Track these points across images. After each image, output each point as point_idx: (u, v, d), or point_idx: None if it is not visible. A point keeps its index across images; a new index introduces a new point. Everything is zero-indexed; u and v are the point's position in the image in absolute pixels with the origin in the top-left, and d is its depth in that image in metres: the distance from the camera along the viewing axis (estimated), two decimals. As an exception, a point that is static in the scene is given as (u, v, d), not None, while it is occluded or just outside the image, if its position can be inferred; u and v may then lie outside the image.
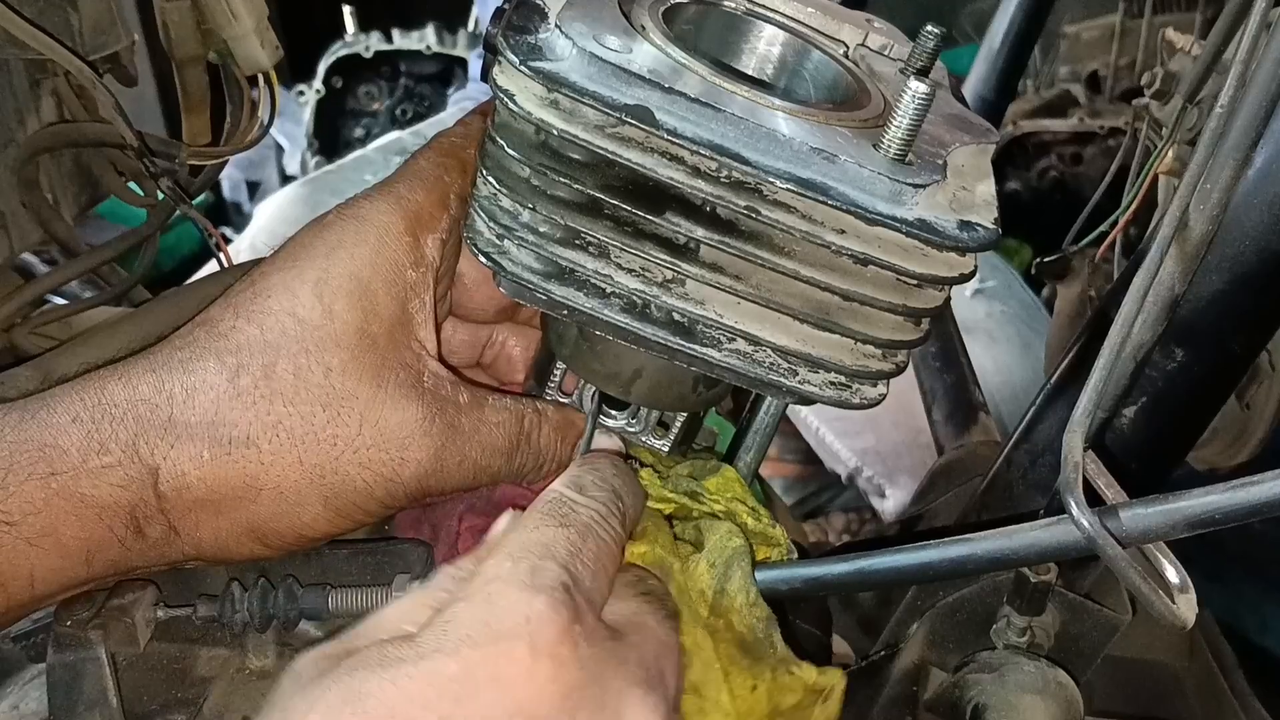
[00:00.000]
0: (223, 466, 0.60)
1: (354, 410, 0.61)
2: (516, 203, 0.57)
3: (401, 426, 0.62)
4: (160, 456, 0.60)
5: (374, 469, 0.62)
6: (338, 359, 0.61)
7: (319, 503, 0.62)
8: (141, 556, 0.62)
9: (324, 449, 0.61)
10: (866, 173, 0.54)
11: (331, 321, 0.61)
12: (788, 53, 0.69)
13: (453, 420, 0.64)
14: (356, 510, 0.64)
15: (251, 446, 0.60)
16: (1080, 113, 2.43)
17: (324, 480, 0.62)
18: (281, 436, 0.61)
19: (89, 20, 0.90)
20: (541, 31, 0.56)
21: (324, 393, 0.61)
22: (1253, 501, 0.45)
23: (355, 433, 0.61)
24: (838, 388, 0.60)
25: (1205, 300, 0.73)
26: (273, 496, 0.61)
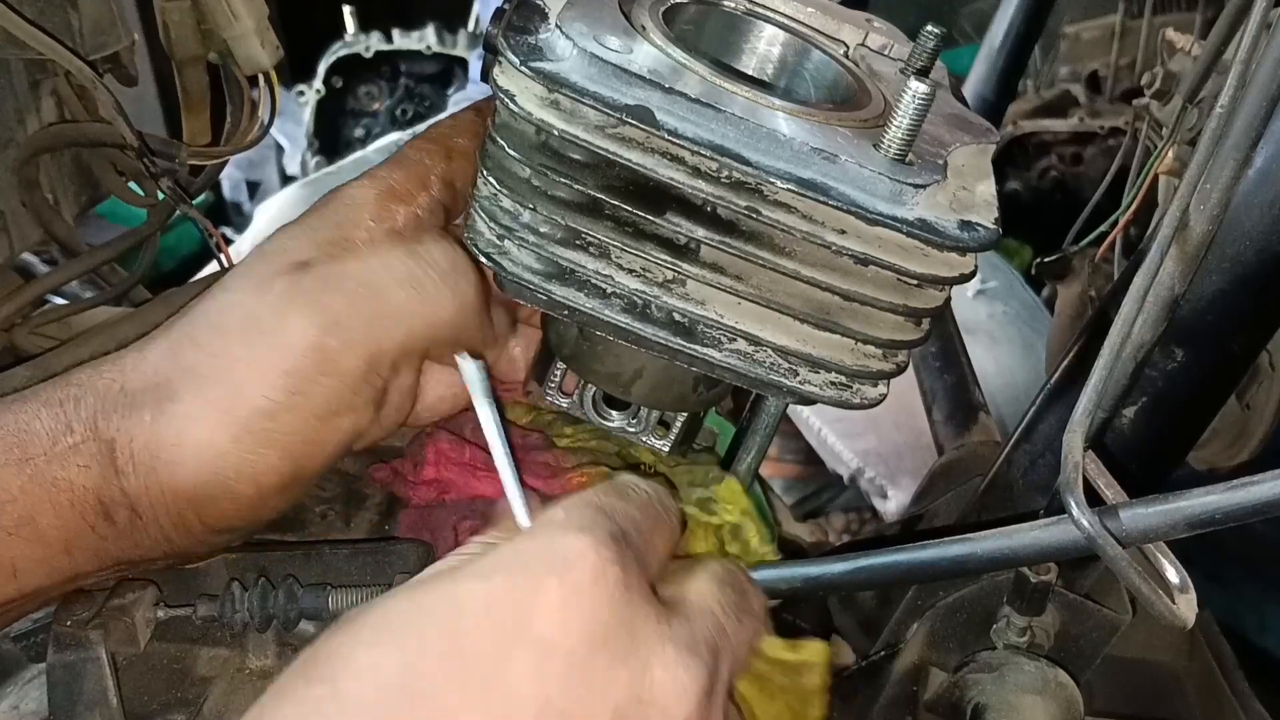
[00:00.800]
0: (159, 428, 0.60)
1: (260, 340, 0.61)
2: (517, 203, 0.57)
3: (305, 354, 0.61)
4: (115, 429, 0.60)
5: (272, 391, 0.61)
6: (253, 297, 0.62)
7: (229, 442, 0.60)
8: (119, 546, 0.63)
9: (228, 384, 0.61)
10: (867, 173, 0.54)
11: (265, 265, 0.62)
12: (788, 53, 0.69)
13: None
14: (271, 451, 0.62)
15: (177, 400, 0.61)
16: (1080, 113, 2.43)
17: (230, 416, 0.60)
18: (194, 382, 0.61)
19: (89, 20, 0.90)
20: (542, 32, 0.56)
21: (232, 330, 0.62)
22: (1253, 501, 0.45)
23: (260, 362, 0.61)
24: (838, 388, 0.60)
25: (1205, 300, 0.73)
26: (194, 453, 0.61)
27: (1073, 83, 2.48)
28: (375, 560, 0.74)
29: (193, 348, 0.62)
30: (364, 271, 0.62)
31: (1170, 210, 0.63)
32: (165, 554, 0.66)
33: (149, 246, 0.97)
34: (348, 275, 0.62)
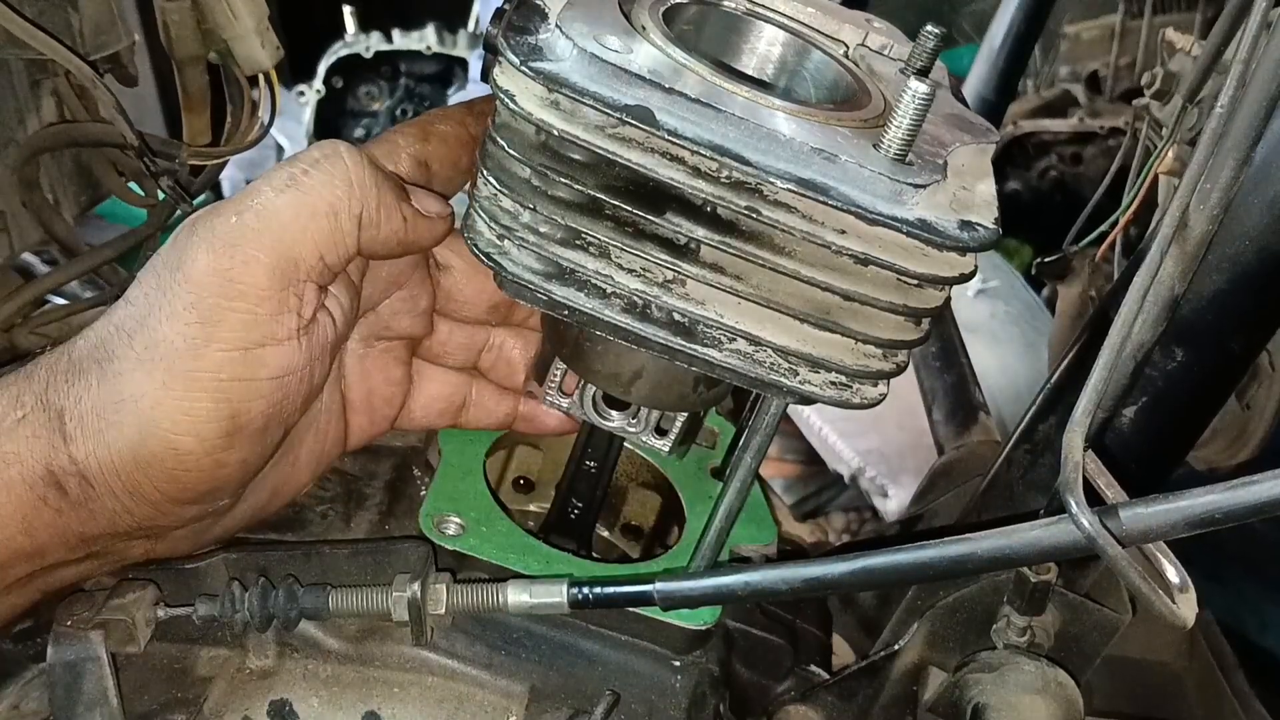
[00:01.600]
0: (103, 390, 0.61)
1: (169, 279, 0.61)
2: (517, 203, 0.57)
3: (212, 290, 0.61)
4: (63, 397, 0.61)
5: (185, 327, 0.60)
6: (167, 246, 0.63)
7: (159, 390, 0.60)
8: (78, 520, 0.62)
9: (148, 330, 0.61)
10: (867, 173, 0.54)
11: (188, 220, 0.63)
12: (788, 53, 0.69)
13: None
14: (202, 394, 0.61)
15: (113, 359, 0.61)
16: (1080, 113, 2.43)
17: (154, 362, 0.60)
18: (123, 337, 0.61)
19: (90, 20, 0.90)
20: (542, 32, 0.56)
21: (147, 278, 0.62)
22: (1253, 501, 0.45)
23: (170, 301, 0.60)
24: (838, 387, 0.60)
25: (1205, 300, 0.73)
26: (131, 408, 0.60)
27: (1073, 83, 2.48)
28: (375, 560, 0.74)
29: (123, 305, 0.63)
30: (250, 194, 0.62)
31: (1170, 210, 0.63)
32: (131, 529, 0.65)
33: (149, 246, 0.97)
34: (238, 203, 0.61)
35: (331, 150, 0.63)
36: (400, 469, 0.86)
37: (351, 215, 0.62)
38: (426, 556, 0.73)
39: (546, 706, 0.73)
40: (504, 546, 0.75)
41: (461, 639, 0.74)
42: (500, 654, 0.74)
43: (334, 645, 0.73)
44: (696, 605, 0.72)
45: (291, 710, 0.72)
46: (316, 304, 0.63)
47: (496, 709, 0.73)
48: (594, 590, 0.65)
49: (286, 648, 0.73)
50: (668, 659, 0.76)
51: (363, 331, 0.73)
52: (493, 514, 0.78)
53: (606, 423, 0.71)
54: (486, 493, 0.79)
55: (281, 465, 0.71)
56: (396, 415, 0.77)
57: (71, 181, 0.95)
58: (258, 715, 0.71)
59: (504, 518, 0.78)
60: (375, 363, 0.75)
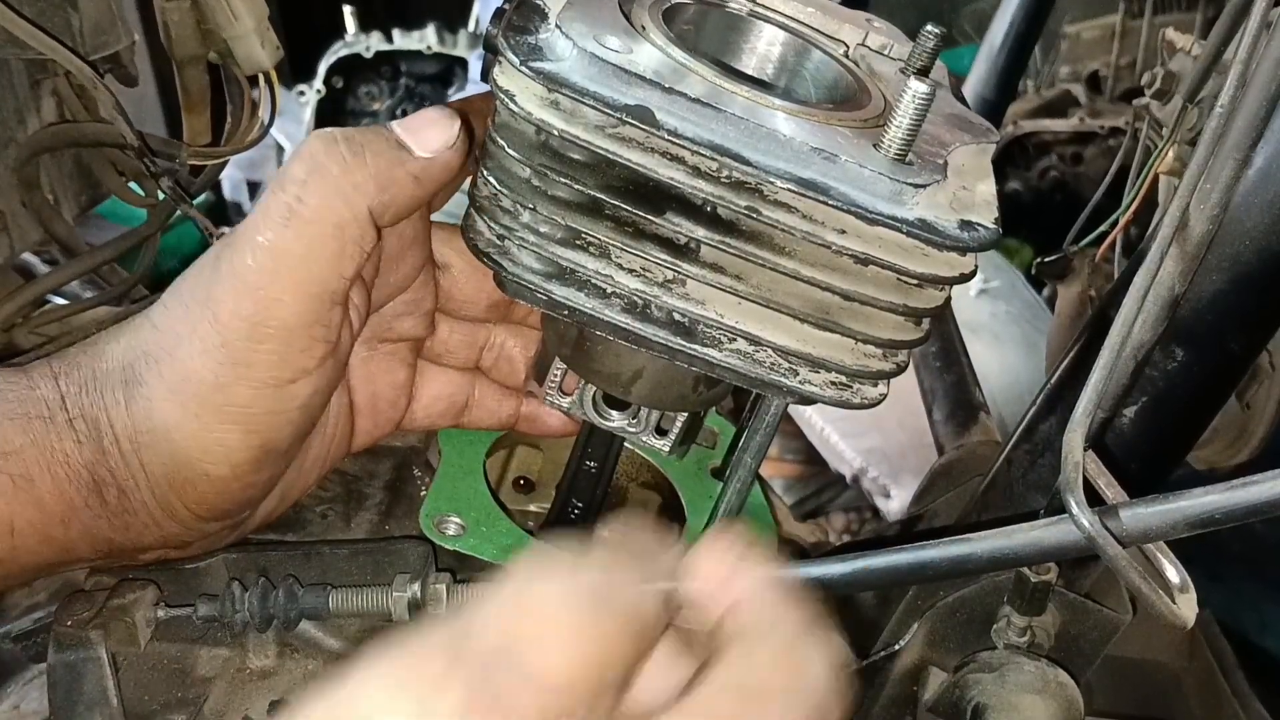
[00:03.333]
0: (132, 411, 0.61)
1: (199, 315, 0.60)
2: (517, 203, 0.57)
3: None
4: (97, 410, 0.62)
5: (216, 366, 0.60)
6: (193, 273, 0.63)
7: (191, 421, 0.61)
8: (111, 527, 0.63)
9: (178, 363, 0.61)
10: (867, 173, 0.54)
11: (215, 244, 0.63)
12: (788, 53, 0.69)
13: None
14: (233, 427, 0.61)
15: (140, 384, 0.62)
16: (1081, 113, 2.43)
17: (185, 395, 0.60)
18: (152, 364, 0.61)
19: (89, 20, 0.90)
20: (542, 32, 0.56)
21: (176, 309, 0.62)
22: (1253, 501, 0.45)
23: (200, 338, 0.60)
24: (838, 387, 0.59)
25: (1205, 300, 0.73)
26: (163, 435, 0.61)
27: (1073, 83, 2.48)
28: (375, 560, 0.74)
29: (149, 329, 0.63)
30: (254, 231, 0.60)
31: (1170, 210, 0.63)
32: (158, 542, 0.66)
33: (149, 246, 0.97)
34: (248, 239, 0.60)
35: (312, 163, 0.60)
36: (400, 469, 0.86)
37: (359, 219, 0.61)
38: (427, 557, 0.73)
39: (546, 706, 0.72)
40: (504, 547, 0.75)
41: (461, 639, 0.74)
42: (500, 654, 0.74)
43: (334, 645, 0.73)
44: (697, 605, 0.72)
45: (291, 710, 0.72)
46: (341, 323, 0.63)
47: (496, 709, 0.73)
48: (594, 590, 0.65)
49: (287, 648, 0.73)
50: (668, 659, 0.76)
51: (367, 335, 0.73)
52: (493, 514, 0.78)
53: (606, 423, 0.71)
54: (487, 493, 0.79)
55: (290, 471, 0.71)
56: (401, 418, 0.77)
57: (71, 181, 0.95)
58: (258, 715, 0.71)
59: (504, 518, 0.78)
60: (380, 365, 0.75)
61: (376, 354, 0.74)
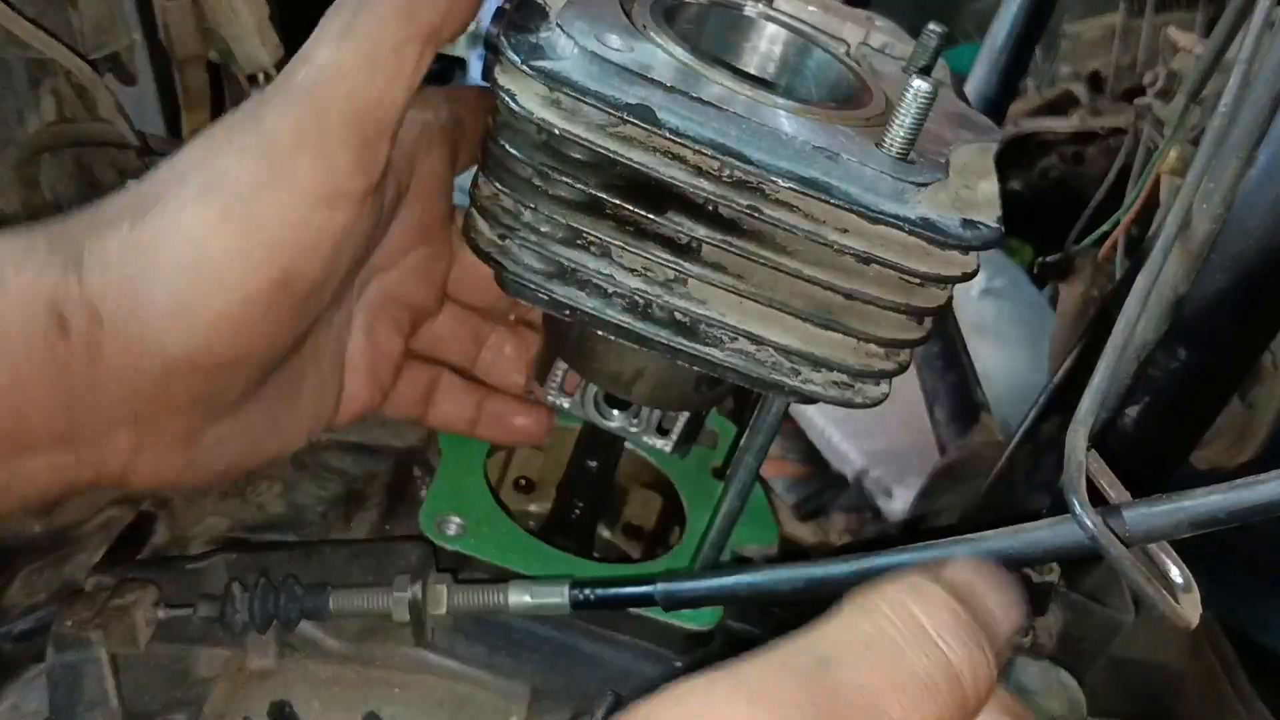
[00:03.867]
0: (138, 231, 0.56)
1: (241, 128, 0.57)
2: (518, 202, 0.57)
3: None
4: (84, 237, 0.56)
5: (255, 170, 0.57)
6: (239, 108, 0.59)
7: (209, 230, 0.56)
8: (74, 374, 0.56)
9: (210, 171, 0.57)
10: (869, 171, 0.54)
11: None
12: (789, 51, 0.69)
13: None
14: (257, 239, 0.56)
15: (159, 201, 0.57)
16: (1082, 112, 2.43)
17: (211, 199, 0.56)
18: (176, 179, 0.57)
19: (90, 19, 0.90)
20: (543, 31, 0.56)
21: (216, 130, 0.58)
22: (1257, 501, 0.45)
23: (240, 146, 0.57)
24: (840, 387, 0.59)
25: (1208, 300, 0.73)
26: (172, 246, 0.56)
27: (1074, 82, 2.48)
28: (376, 560, 0.74)
29: (176, 156, 0.58)
30: (311, 50, 0.57)
31: (1173, 210, 0.63)
32: (127, 397, 0.58)
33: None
34: (303, 61, 0.57)
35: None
36: (400, 469, 0.86)
37: (416, 39, 0.58)
38: (427, 557, 0.73)
39: (548, 707, 0.72)
40: (505, 547, 0.75)
41: (462, 640, 0.74)
42: (501, 655, 0.74)
43: (334, 646, 0.73)
44: (698, 605, 0.72)
45: (292, 711, 0.72)
46: (386, 171, 0.60)
47: (497, 710, 0.73)
48: (595, 591, 0.65)
49: (287, 648, 0.73)
50: (669, 660, 0.76)
51: (375, 292, 0.71)
52: (493, 514, 0.78)
53: (608, 422, 0.71)
54: (487, 493, 0.79)
55: (282, 407, 0.67)
56: (385, 393, 0.75)
57: (72, 181, 0.95)
58: (258, 716, 0.71)
59: (505, 518, 0.78)
60: (381, 328, 0.72)
61: (381, 317, 0.72)
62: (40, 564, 0.82)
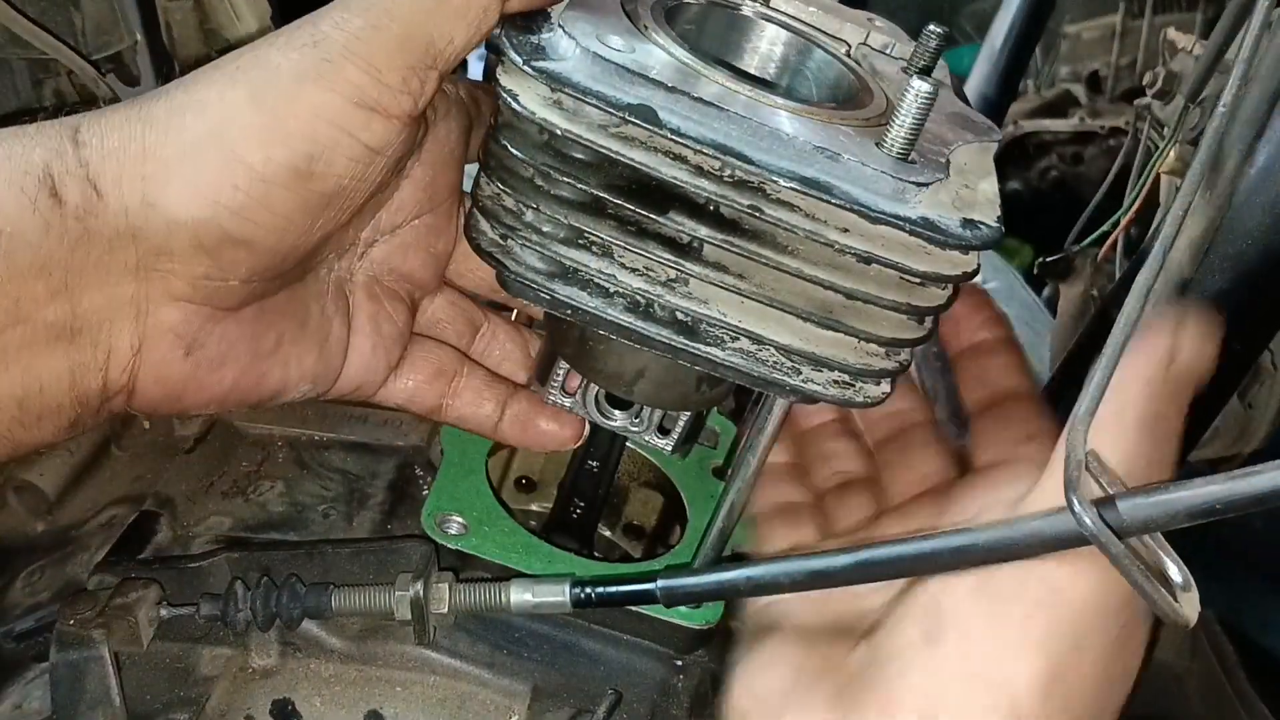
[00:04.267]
0: (159, 106, 0.55)
1: (291, 32, 0.57)
2: (520, 203, 0.57)
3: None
4: (80, 121, 0.55)
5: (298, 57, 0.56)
6: (315, 14, 0.58)
7: (244, 101, 0.55)
8: (71, 245, 0.53)
9: (252, 55, 0.56)
10: (870, 171, 0.54)
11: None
12: (790, 52, 0.69)
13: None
14: (291, 110, 0.55)
15: (188, 84, 0.56)
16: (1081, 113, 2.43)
17: (246, 74, 0.56)
18: (211, 67, 0.57)
19: (92, 20, 0.90)
20: (545, 31, 0.56)
21: (280, 33, 0.57)
22: (1253, 492, 0.45)
23: (287, 41, 0.56)
24: (841, 386, 0.59)
25: (1208, 299, 0.73)
26: (200, 113, 0.55)
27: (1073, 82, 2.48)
28: (378, 559, 0.74)
29: (225, 56, 0.58)
30: None
31: (1172, 210, 0.63)
32: (128, 268, 0.55)
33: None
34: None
35: None
36: (402, 468, 0.87)
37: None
38: (429, 556, 0.73)
39: (549, 706, 0.73)
40: (506, 546, 0.76)
41: (464, 638, 0.74)
42: (503, 653, 0.74)
43: (336, 644, 0.73)
44: (699, 601, 0.72)
45: (294, 709, 0.72)
46: (431, 99, 0.59)
47: (499, 708, 0.73)
48: (596, 589, 0.65)
49: (289, 647, 0.73)
50: (670, 658, 0.76)
51: (380, 253, 0.70)
52: (495, 513, 0.78)
53: (609, 422, 0.71)
54: (489, 492, 0.80)
55: (286, 332, 0.65)
56: (389, 371, 0.72)
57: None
58: (260, 714, 0.71)
59: (506, 517, 0.78)
60: (384, 293, 0.71)
61: (382, 287, 0.71)
62: (42, 563, 0.82)
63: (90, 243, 0.53)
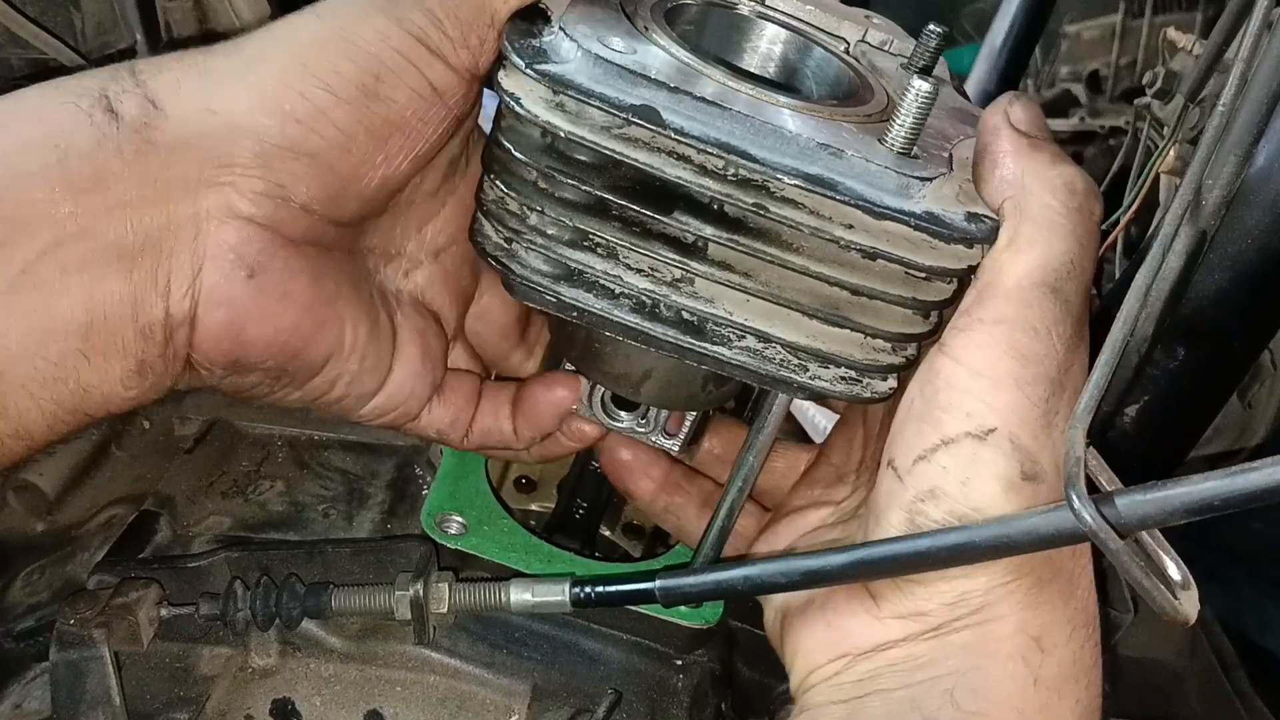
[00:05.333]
0: (218, 47, 0.56)
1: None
2: (524, 205, 0.57)
3: None
4: (137, 61, 0.56)
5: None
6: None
7: (315, 25, 0.56)
8: (131, 157, 0.52)
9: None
10: (873, 167, 0.54)
11: None
12: (790, 50, 0.69)
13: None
14: (356, 44, 0.56)
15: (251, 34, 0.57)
16: (1081, 112, 2.43)
17: (331, 10, 0.57)
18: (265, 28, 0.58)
19: (92, 19, 0.90)
20: (546, 34, 0.56)
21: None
22: (1250, 488, 0.45)
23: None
24: (848, 382, 0.59)
25: (1207, 299, 0.73)
26: (266, 35, 0.56)
27: (1073, 82, 2.48)
28: (378, 559, 0.74)
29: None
30: None
31: (1172, 209, 0.63)
32: (191, 182, 0.54)
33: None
34: None
35: None
36: (402, 468, 0.87)
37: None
38: (429, 555, 0.73)
39: (549, 705, 0.73)
40: (506, 546, 0.76)
41: (464, 638, 0.74)
42: (502, 653, 0.74)
43: (336, 644, 0.73)
44: (697, 601, 0.72)
45: (294, 709, 0.72)
46: (489, 66, 0.59)
47: (499, 708, 0.73)
48: (596, 589, 0.65)
49: (289, 646, 0.73)
50: (670, 657, 0.76)
51: (421, 281, 0.69)
52: (494, 513, 0.78)
53: (616, 424, 0.71)
54: (489, 492, 0.80)
55: (338, 305, 0.62)
56: (438, 381, 0.69)
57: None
58: (260, 714, 0.71)
59: (506, 517, 0.78)
60: (428, 317, 0.69)
61: (426, 309, 0.69)
62: (42, 563, 0.82)
63: (150, 155, 0.53)
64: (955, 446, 0.54)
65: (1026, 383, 0.53)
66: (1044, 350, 0.53)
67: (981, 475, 0.53)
